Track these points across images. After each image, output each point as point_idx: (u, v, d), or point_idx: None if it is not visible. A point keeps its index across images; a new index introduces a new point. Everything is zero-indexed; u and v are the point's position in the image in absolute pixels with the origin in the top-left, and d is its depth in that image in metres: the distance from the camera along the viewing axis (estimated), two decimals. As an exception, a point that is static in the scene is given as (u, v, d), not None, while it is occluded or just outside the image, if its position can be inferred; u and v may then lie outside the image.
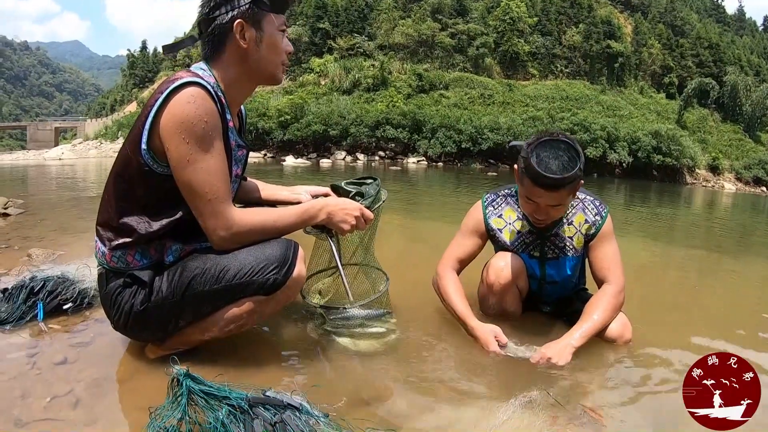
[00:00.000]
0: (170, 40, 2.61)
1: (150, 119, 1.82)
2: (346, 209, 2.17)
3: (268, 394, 1.62)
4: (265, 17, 1.97)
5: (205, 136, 1.83)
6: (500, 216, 2.71)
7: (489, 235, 2.74)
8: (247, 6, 1.93)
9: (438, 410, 1.88)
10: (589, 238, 2.61)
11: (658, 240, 7.51)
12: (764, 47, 67.37)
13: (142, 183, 1.89)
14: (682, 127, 44.43)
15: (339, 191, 2.44)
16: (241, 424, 1.48)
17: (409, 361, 2.27)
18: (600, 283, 2.57)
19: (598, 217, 2.60)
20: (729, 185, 41.68)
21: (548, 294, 2.78)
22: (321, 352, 2.30)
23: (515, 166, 2.48)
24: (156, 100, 1.82)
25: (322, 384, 2.00)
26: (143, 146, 1.84)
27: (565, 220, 2.62)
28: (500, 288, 2.60)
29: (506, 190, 2.76)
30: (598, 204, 2.64)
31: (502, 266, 2.58)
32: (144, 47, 68.45)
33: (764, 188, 42.55)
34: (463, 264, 2.76)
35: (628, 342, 2.52)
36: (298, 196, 2.44)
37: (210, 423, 1.48)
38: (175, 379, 1.63)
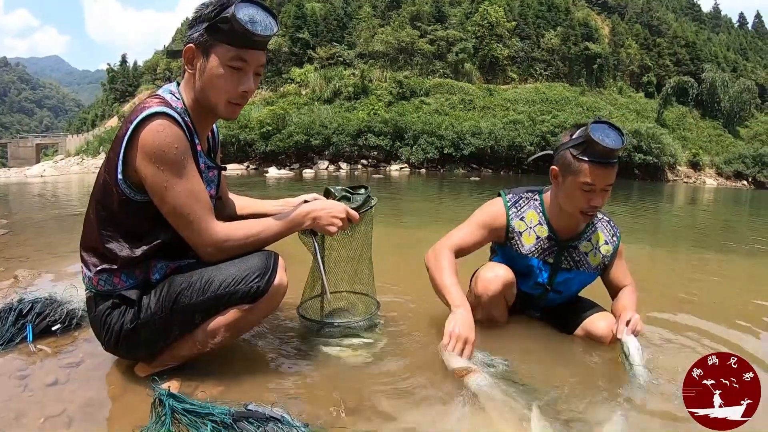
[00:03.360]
0: (150, 54, 2.62)
1: (122, 150, 1.86)
2: (331, 212, 2.21)
3: (250, 407, 1.66)
4: (215, 47, 1.91)
5: (177, 162, 1.87)
6: (522, 219, 2.66)
7: (507, 237, 2.67)
8: (200, 32, 1.91)
9: (420, 415, 1.92)
10: (608, 261, 2.71)
11: (644, 239, 7.52)
12: (740, 44, 68.02)
13: (122, 211, 1.93)
14: (661, 125, 44.74)
15: (330, 195, 2.50)
16: (225, 440, 1.52)
17: (394, 370, 2.29)
18: (616, 292, 2.73)
19: (614, 238, 2.72)
20: (710, 180, 42.08)
21: (550, 300, 2.80)
22: (308, 364, 2.31)
23: (553, 167, 2.53)
24: (127, 130, 1.85)
25: (308, 395, 2.04)
26: (119, 176, 1.88)
27: (585, 236, 2.67)
28: (488, 299, 2.60)
29: (527, 192, 2.72)
30: (612, 224, 2.75)
31: (490, 278, 2.58)
32: (124, 61, 67.39)
33: (745, 182, 42.92)
34: (462, 252, 2.63)
35: (613, 341, 2.56)
36: (285, 209, 2.43)
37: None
38: (157, 400, 1.67)
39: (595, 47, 51.21)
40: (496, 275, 2.58)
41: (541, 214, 2.65)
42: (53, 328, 2.50)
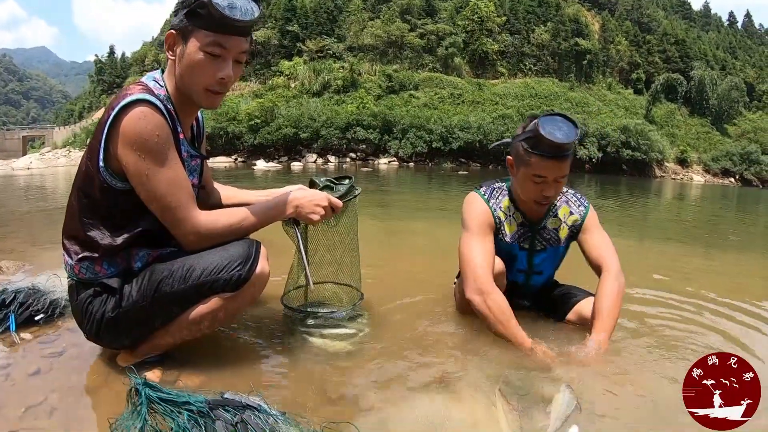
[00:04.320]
0: (138, 45, 2.58)
1: (104, 138, 1.85)
2: (313, 200, 2.21)
3: (226, 396, 1.66)
4: (194, 33, 1.88)
5: (159, 150, 1.86)
6: (500, 208, 2.68)
7: (496, 228, 2.66)
8: (180, 18, 1.89)
9: (399, 404, 1.93)
10: (576, 230, 2.69)
11: (632, 234, 7.64)
12: (730, 42, 68.64)
13: (103, 198, 1.91)
14: (650, 121, 45.20)
15: (314, 186, 2.49)
16: (202, 428, 1.52)
17: (375, 359, 2.30)
18: (597, 268, 2.59)
19: (582, 208, 2.70)
20: (698, 177, 42.57)
21: (533, 285, 2.81)
22: (290, 354, 2.32)
23: (509, 157, 2.59)
24: (109, 116, 1.84)
25: (289, 384, 2.07)
26: (101, 164, 1.87)
27: (551, 213, 2.69)
28: None
29: (496, 184, 2.75)
30: (579, 196, 2.75)
31: None
32: (112, 52, 66.97)
33: (732, 179, 43.38)
34: (493, 269, 2.52)
35: None
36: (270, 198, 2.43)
37: (172, 429, 1.51)
38: (133, 389, 1.67)
39: (584, 43, 51.60)
40: None
41: (512, 202, 2.68)
42: (36, 318, 2.49)
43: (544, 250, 2.71)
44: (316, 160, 34.81)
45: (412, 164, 34.88)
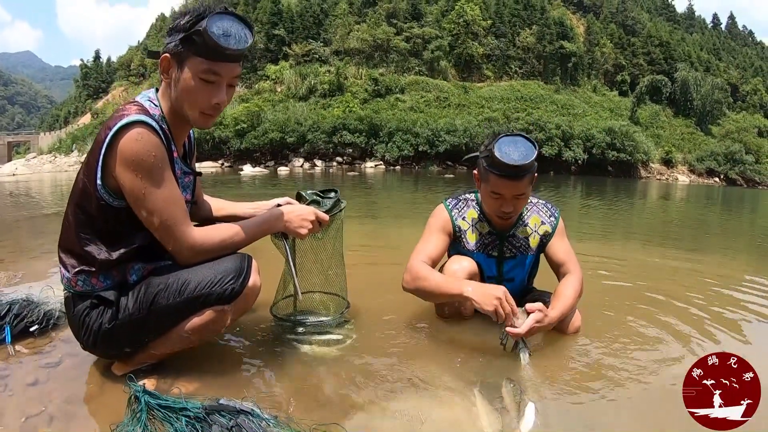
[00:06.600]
0: (125, 49, 2.64)
1: (101, 157, 1.90)
2: (301, 215, 2.33)
3: (221, 402, 1.73)
4: (188, 59, 1.95)
5: (155, 169, 1.92)
6: (464, 218, 2.81)
7: (455, 236, 2.81)
8: (175, 43, 1.95)
9: (384, 405, 2.01)
10: (546, 239, 2.79)
11: (616, 237, 7.76)
12: (713, 44, 68.93)
13: (100, 215, 1.97)
14: (635, 123, 45.21)
15: (301, 198, 2.62)
16: (199, 432, 1.57)
17: (362, 364, 2.38)
18: (561, 274, 2.75)
19: (552, 218, 2.81)
20: (683, 177, 42.69)
21: None
22: (280, 360, 2.39)
23: (474, 171, 2.70)
24: (106, 136, 1.89)
25: (279, 389, 2.13)
26: (98, 182, 1.92)
27: (521, 222, 2.78)
28: None
29: (465, 194, 2.88)
30: (550, 206, 2.86)
31: (456, 269, 2.65)
32: (97, 57, 66.06)
33: (717, 179, 43.63)
34: (433, 261, 2.69)
35: (577, 330, 2.73)
36: (258, 211, 2.52)
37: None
38: (133, 396, 1.73)
39: (570, 46, 51.63)
40: (461, 267, 2.66)
41: (479, 212, 2.80)
42: (31, 329, 2.53)
43: (513, 257, 2.80)
44: (302, 164, 34.61)
45: (398, 168, 34.80)
